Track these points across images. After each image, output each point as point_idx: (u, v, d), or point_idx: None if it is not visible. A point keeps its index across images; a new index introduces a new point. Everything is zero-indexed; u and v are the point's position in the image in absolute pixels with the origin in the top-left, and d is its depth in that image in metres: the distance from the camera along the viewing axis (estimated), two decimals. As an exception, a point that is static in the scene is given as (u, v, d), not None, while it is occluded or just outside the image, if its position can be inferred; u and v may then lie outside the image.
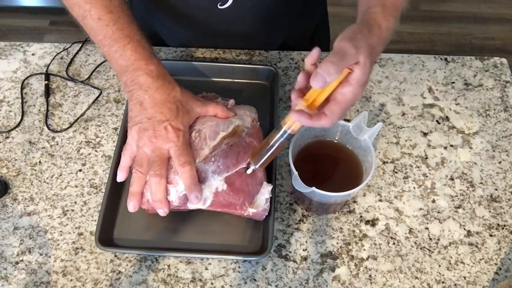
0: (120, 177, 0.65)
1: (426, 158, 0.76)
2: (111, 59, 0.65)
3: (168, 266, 0.65)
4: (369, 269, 0.65)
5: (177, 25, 0.89)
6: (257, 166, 0.62)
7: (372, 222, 0.69)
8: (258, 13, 0.83)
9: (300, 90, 0.56)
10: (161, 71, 0.64)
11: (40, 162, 0.74)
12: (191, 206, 0.63)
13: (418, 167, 0.75)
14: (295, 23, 0.92)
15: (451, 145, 0.77)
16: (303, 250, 0.67)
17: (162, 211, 0.62)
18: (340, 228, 0.69)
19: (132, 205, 0.62)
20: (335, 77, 0.52)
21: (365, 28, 0.55)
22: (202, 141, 0.64)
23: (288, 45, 0.91)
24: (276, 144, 0.59)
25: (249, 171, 0.63)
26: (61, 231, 0.68)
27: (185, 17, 0.85)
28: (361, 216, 0.70)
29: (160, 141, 0.61)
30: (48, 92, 0.82)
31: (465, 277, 0.65)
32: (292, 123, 0.57)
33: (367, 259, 0.66)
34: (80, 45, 0.88)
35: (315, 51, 0.56)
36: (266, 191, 0.64)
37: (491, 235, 0.69)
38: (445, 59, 0.88)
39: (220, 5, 0.79)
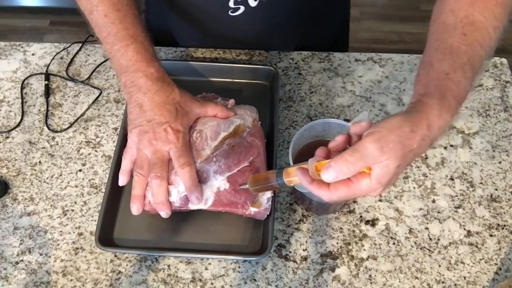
0: (122, 181, 0.65)
1: (426, 158, 0.76)
2: (112, 57, 0.65)
3: (168, 266, 0.65)
4: (369, 269, 0.65)
5: (189, 29, 0.89)
6: (251, 190, 0.60)
7: (372, 222, 0.69)
8: (268, 24, 0.83)
9: (327, 150, 0.53)
10: (161, 74, 0.64)
11: (40, 162, 0.74)
12: (193, 206, 0.63)
13: (418, 167, 0.75)
14: (307, 36, 0.90)
15: (451, 145, 0.77)
16: (303, 250, 0.67)
17: (165, 213, 0.62)
18: (340, 228, 0.69)
19: (135, 208, 0.62)
20: (347, 176, 0.48)
21: (408, 126, 0.48)
22: (203, 142, 0.64)
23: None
24: (272, 185, 0.57)
25: (244, 187, 0.62)
26: (61, 231, 0.68)
27: (196, 22, 0.84)
28: (361, 216, 0.70)
29: (160, 143, 0.61)
30: (48, 92, 0.82)
31: (465, 277, 0.65)
32: (294, 177, 0.55)
33: (367, 259, 0.66)
34: (80, 45, 0.88)
35: (365, 124, 0.51)
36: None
37: (491, 235, 0.68)
38: (445, 59, 0.88)
39: (232, 12, 0.78)
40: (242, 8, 0.77)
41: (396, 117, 0.49)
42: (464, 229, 0.69)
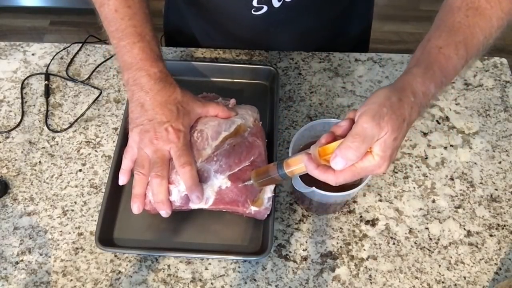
0: (122, 180, 0.65)
1: (426, 158, 0.76)
2: (118, 53, 0.65)
3: (168, 266, 0.65)
4: (369, 269, 0.65)
5: (209, 28, 0.88)
6: (255, 185, 0.61)
7: (372, 222, 0.69)
8: (290, 26, 0.82)
9: (332, 134, 0.54)
10: (164, 74, 0.64)
11: (40, 162, 0.74)
12: (193, 206, 0.63)
13: (418, 167, 0.75)
14: (329, 39, 0.90)
15: (451, 145, 0.77)
16: (303, 250, 0.67)
17: (165, 212, 0.62)
18: (340, 228, 0.69)
19: (136, 207, 0.62)
20: (355, 161, 0.50)
21: (395, 96, 0.51)
22: (204, 141, 0.64)
23: None
24: (274, 177, 0.58)
25: (248, 183, 0.62)
26: (61, 231, 0.68)
27: (217, 21, 0.84)
28: (361, 216, 0.70)
29: (161, 143, 0.61)
30: (48, 92, 0.82)
31: (465, 277, 0.65)
32: (295, 166, 0.55)
33: (367, 259, 0.66)
34: (80, 45, 0.88)
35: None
36: (268, 189, 0.64)
37: (491, 235, 0.69)
38: (445, 59, 0.88)
39: (254, 11, 0.78)
40: (265, 8, 0.77)
41: (382, 90, 0.51)
42: (464, 229, 0.69)
